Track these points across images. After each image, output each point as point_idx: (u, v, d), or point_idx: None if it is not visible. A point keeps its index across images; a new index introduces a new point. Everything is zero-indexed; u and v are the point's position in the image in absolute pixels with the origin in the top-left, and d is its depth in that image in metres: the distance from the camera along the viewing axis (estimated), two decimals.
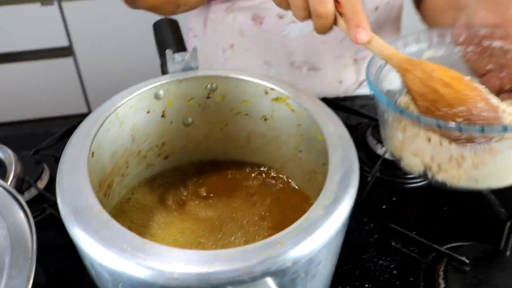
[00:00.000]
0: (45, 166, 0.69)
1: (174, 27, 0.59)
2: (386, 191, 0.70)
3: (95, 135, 0.41)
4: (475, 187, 0.50)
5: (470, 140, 0.46)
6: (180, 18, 0.62)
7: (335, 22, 0.48)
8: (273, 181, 0.55)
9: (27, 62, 1.71)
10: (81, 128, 0.42)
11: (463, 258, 0.55)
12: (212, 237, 0.48)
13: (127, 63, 1.74)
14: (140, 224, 0.49)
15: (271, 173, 0.56)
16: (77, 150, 0.39)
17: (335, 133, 0.40)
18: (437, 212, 0.68)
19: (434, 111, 0.48)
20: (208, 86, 0.50)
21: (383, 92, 0.51)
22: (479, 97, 0.48)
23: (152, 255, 0.30)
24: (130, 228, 0.48)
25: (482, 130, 0.43)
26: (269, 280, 0.31)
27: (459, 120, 0.47)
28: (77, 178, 0.36)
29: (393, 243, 0.60)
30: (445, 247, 0.60)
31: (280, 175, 0.55)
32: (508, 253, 0.57)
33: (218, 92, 0.51)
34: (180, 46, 0.54)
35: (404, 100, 0.54)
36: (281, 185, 0.55)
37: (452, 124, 0.43)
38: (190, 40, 0.95)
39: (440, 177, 0.50)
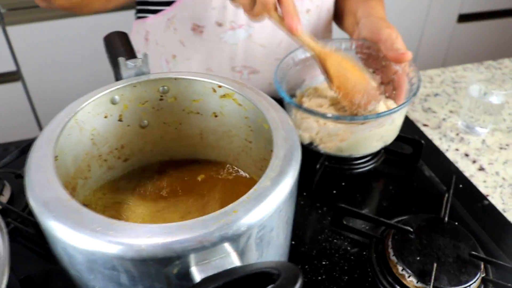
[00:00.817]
0: (6, 182, 0.71)
1: (124, 38, 0.63)
2: (335, 177, 0.75)
3: (58, 137, 0.44)
4: (341, 154, 0.72)
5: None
6: None
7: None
8: (228, 173, 0.59)
9: None
10: (44, 133, 0.45)
11: (408, 228, 0.61)
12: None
13: (76, 83, 1.74)
14: None
15: (225, 166, 0.60)
16: (42, 151, 0.42)
17: (277, 118, 0.45)
18: (384, 192, 0.74)
19: (345, 88, 0.68)
20: (160, 88, 0.54)
21: (286, 90, 0.72)
22: (367, 80, 0.70)
23: (121, 232, 0.34)
24: None
25: (350, 119, 0.66)
26: (227, 245, 0.35)
27: (361, 94, 0.68)
28: (45, 174, 0.39)
29: (344, 222, 0.65)
30: (392, 220, 0.66)
31: (234, 167, 0.60)
32: (446, 219, 0.63)
33: (170, 93, 0.55)
34: (131, 55, 0.58)
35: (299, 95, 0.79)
36: (236, 176, 0.59)
37: (329, 115, 0.66)
38: None
39: (320, 147, 0.72)
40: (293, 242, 0.64)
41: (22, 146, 0.73)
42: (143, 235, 0.33)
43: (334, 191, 0.73)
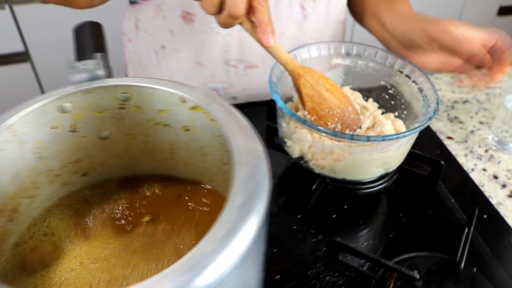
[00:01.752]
0: None
1: (96, 30, 0.54)
2: (337, 198, 0.66)
3: None
4: (333, 176, 0.62)
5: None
6: (115, 23, 0.58)
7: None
8: (203, 196, 0.50)
9: None
10: None
11: (414, 273, 0.51)
12: (123, 269, 0.43)
13: None
14: (47, 251, 0.44)
15: (199, 187, 0.51)
16: None
17: (245, 147, 0.35)
18: (392, 220, 0.63)
19: (318, 111, 0.60)
20: (120, 96, 0.45)
21: (281, 94, 0.62)
22: (348, 102, 0.62)
23: None
24: (34, 255, 0.43)
25: (350, 138, 0.55)
26: None
27: (336, 119, 0.61)
28: None
29: (340, 258, 0.55)
30: (397, 259, 0.56)
31: (209, 189, 0.50)
32: (463, 265, 0.53)
33: (132, 102, 0.46)
34: (99, 51, 0.49)
35: (296, 101, 0.69)
36: (212, 199, 0.50)
37: (328, 130, 0.55)
38: (125, 45, 0.90)
39: (311, 163, 0.63)
40: (278, 276, 0.55)
41: None
42: None
43: (334, 215, 0.63)
